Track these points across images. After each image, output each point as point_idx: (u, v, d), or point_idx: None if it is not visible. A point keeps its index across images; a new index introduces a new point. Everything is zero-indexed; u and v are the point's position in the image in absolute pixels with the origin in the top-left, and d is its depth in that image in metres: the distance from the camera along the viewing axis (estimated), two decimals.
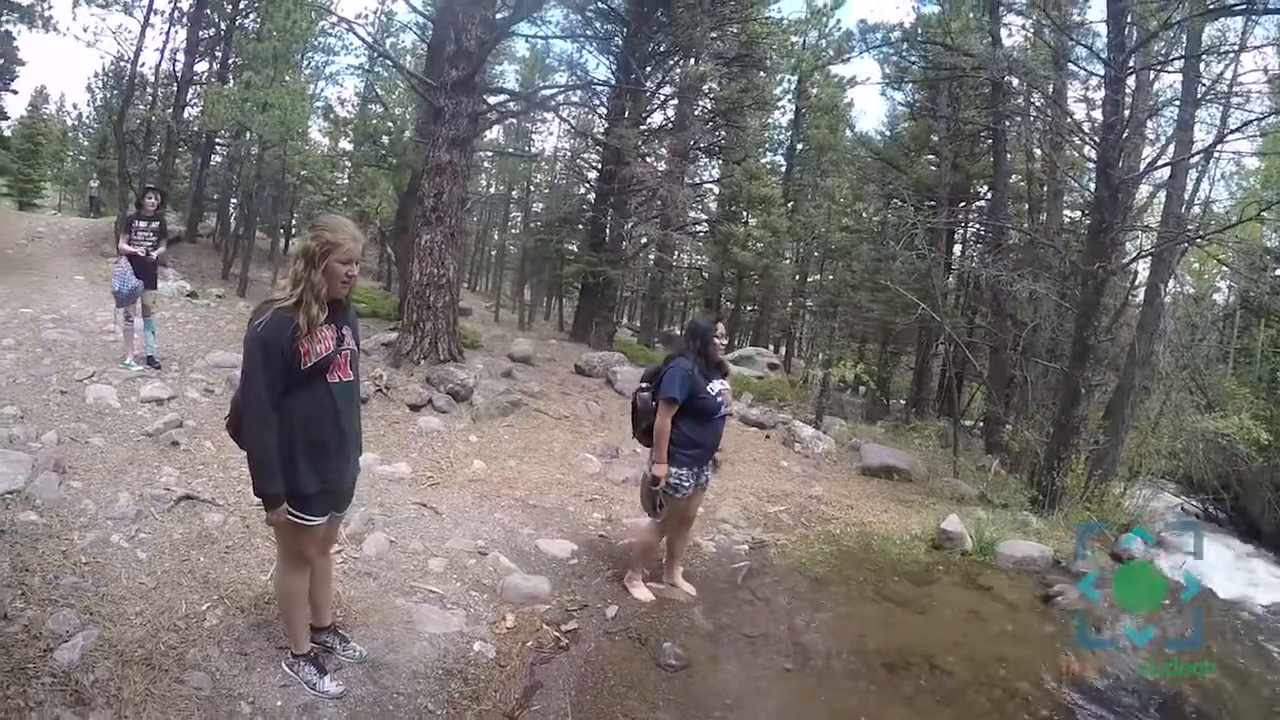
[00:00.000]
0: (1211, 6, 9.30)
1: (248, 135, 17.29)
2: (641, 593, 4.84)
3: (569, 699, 3.58)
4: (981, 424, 17.13)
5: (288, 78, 15.07)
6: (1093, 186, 10.63)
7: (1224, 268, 15.04)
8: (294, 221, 25.16)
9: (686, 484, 4.60)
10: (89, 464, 5.17)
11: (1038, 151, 17.39)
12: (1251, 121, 9.72)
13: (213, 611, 3.61)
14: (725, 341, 4.74)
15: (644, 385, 4.81)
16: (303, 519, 3.01)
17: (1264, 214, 12.36)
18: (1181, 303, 14.78)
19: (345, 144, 24.95)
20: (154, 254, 8.08)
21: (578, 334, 18.66)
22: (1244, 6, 9.22)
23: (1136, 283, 12.28)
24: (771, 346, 30.98)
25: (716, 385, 4.61)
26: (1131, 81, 10.03)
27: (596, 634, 4.28)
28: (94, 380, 7.07)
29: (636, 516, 6.11)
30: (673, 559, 5.10)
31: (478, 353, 11.82)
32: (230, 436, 3.08)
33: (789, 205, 27.16)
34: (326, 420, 2.98)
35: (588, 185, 21.99)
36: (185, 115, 20.62)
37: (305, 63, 20.35)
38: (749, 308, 31.08)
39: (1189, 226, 11.19)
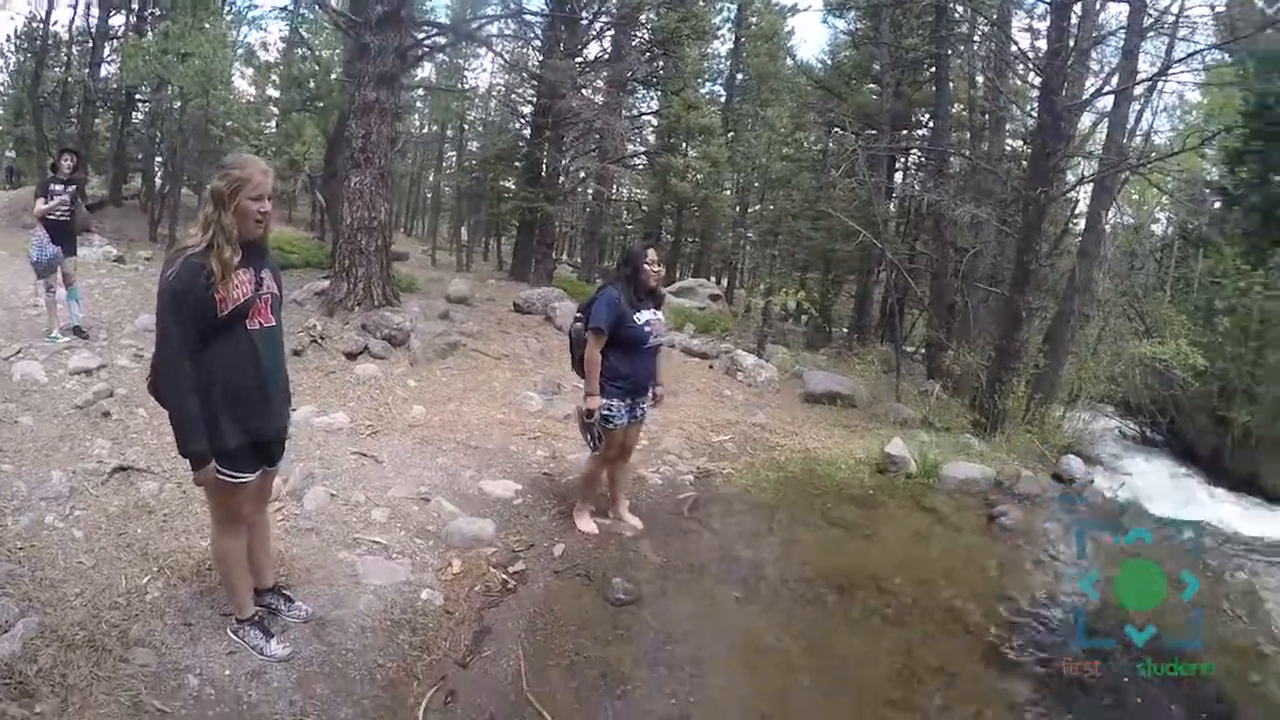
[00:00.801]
0: None
1: (169, 89, 16.48)
2: (587, 525, 4.83)
3: (520, 641, 3.58)
4: (923, 349, 17.44)
5: (207, 25, 14.43)
6: (1035, 114, 10.68)
7: (1164, 199, 15.37)
8: None
9: (620, 415, 4.57)
10: (18, 444, 5.01)
11: (980, 79, 17.36)
12: (1196, 53, 9.85)
13: (154, 584, 3.54)
14: (659, 269, 4.61)
15: (578, 316, 4.77)
16: (232, 476, 2.92)
17: (1205, 146, 12.63)
18: (1121, 231, 15.15)
19: (271, 90, 23.94)
20: (70, 206, 7.69)
21: (517, 272, 18.38)
22: None
23: (1077, 210, 12.49)
24: (713, 278, 30.89)
25: (645, 315, 4.51)
26: (1078, 9, 10.04)
27: (544, 573, 4.27)
28: (19, 357, 6.80)
29: (580, 452, 6.11)
30: (616, 492, 5.08)
31: (414, 296, 11.58)
32: (153, 397, 2.99)
33: (729, 135, 26.84)
34: (248, 369, 2.88)
35: (523, 120, 21.43)
36: (103, 73, 19.61)
37: (226, 7, 19.38)
38: (689, 239, 30.83)
39: (1130, 155, 11.34)
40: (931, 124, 19.55)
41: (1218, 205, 16.05)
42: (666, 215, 27.56)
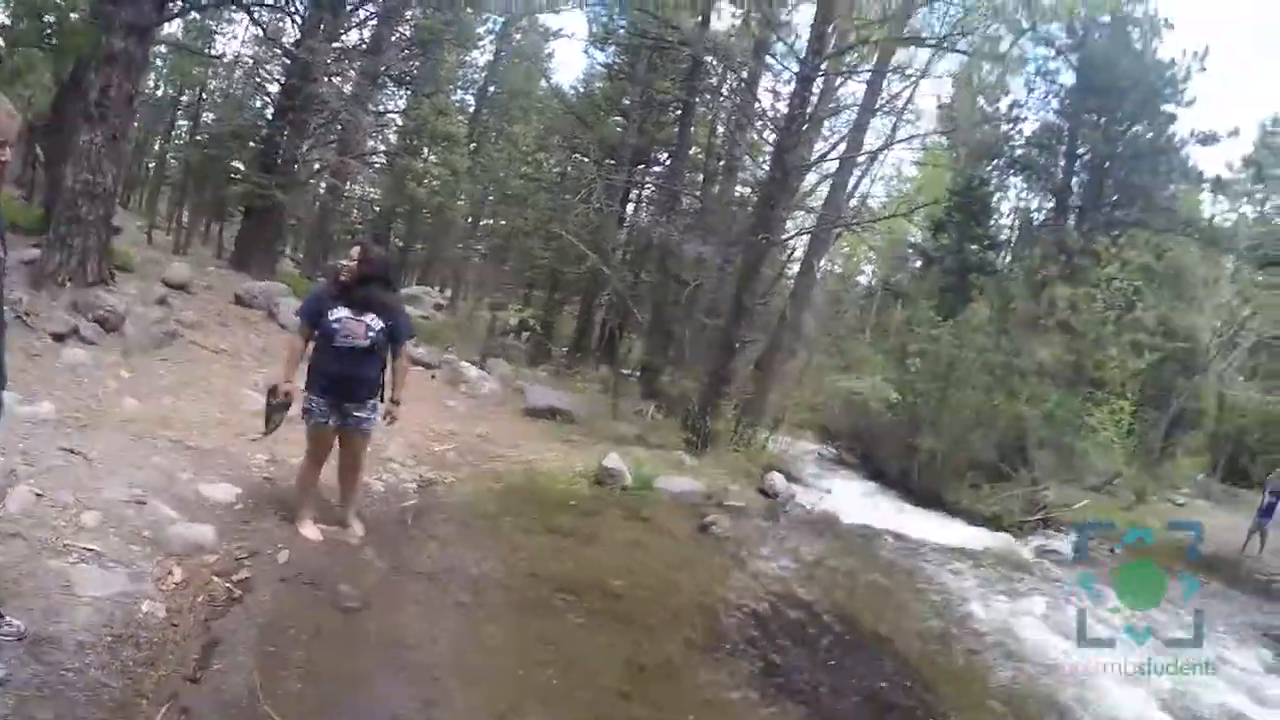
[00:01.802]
0: (909, 37, 10.67)
1: None
2: (310, 531, 4.52)
3: (252, 653, 3.32)
4: (640, 372, 18.23)
5: None
6: (767, 168, 11.63)
7: (871, 254, 17.74)
8: None
9: (317, 413, 4.37)
10: None
11: (721, 129, 18.66)
12: (917, 137, 11.41)
13: None
14: (352, 263, 4.33)
15: None
16: None
17: (913, 214, 14.71)
18: (831, 279, 17.21)
19: (2, 17, 19.27)
20: None
21: (239, 262, 16.43)
22: (935, 42, 10.80)
23: (793, 257, 13.89)
24: (439, 287, 30.30)
25: (338, 312, 4.27)
26: (819, 83, 11.11)
27: (271, 582, 3.98)
28: None
29: (301, 456, 5.59)
30: (346, 499, 4.79)
31: (130, 277, 10.07)
32: None
33: (472, 146, 26.53)
34: None
35: (267, 99, 19.53)
36: None
37: None
38: (419, 245, 29.85)
39: (847, 214, 12.88)
40: (670, 163, 20.69)
41: (918, 264, 18.96)
42: (399, 219, 26.49)
